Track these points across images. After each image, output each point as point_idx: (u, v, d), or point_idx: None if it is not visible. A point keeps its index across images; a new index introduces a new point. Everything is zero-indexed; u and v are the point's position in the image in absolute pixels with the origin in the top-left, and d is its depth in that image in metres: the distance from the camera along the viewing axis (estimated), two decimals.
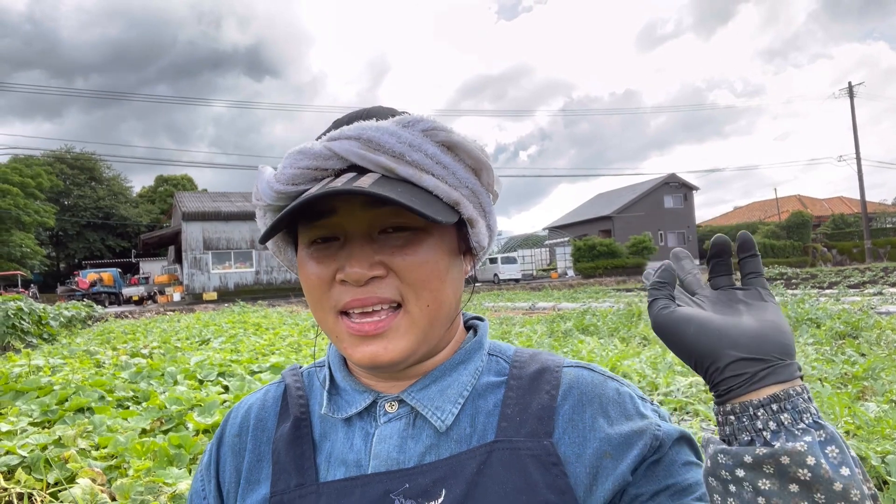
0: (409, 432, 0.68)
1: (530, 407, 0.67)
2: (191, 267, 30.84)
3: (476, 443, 0.65)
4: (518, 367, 0.72)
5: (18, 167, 45.86)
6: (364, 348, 0.64)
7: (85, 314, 18.78)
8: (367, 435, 0.69)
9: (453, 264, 0.69)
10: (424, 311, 0.65)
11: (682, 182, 48.10)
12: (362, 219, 0.65)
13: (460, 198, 0.66)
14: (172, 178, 65.32)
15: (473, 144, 0.67)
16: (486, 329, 0.78)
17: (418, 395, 0.69)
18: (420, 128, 0.64)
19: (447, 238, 0.68)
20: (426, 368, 0.71)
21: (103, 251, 56.08)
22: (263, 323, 12.80)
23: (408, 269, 0.64)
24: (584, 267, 37.79)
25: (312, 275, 0.67)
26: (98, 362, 7.23)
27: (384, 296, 0.64)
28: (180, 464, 3.31)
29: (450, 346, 0.73)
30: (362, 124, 0.64)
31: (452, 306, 0.69)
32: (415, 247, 0.65)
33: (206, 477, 0.77)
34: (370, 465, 0.66)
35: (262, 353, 7.41)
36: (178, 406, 4.36)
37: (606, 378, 0.70)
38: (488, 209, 0.72)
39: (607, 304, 13.64)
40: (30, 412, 4.45)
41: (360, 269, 0.63)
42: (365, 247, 0.64)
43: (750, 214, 59.14)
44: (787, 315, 8.14)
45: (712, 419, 3.38)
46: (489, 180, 0.70)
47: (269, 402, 0.78)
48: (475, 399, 0.69)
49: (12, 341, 11.02)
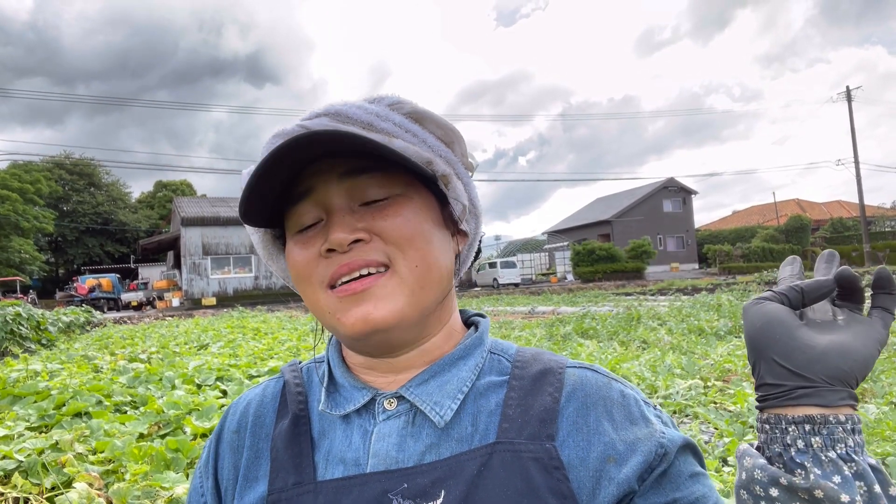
0: (409, 430, 0.66)
1: (532, 408, 0.65)
2: (190, 272, 30.82)
3: (478, 443, 0.64)
4: (520, 367, 0.71)
5: (18, 173, 45.88)
6: (355, 310, 0.63)
7: (84, 320, 18.75)
8: (366, 433, 0.67)
9: (438, 232, 0.68)
10: (413, 272, 0.64)
11: (681, 186, 48.16)
12: (340, 190, 0.65)
13: (432, 156, 0.67)
14: (172, 183, 65.34)
15: (441, 116, 0.69)
16: (487, 325, 0.76)
17: (417, 390, 0.67)
18: (385, 102, 0.67)
19: (430, 207, 0.68)
20: (427, 359, 0.70)
21: (102, 257, 56.05)
22: (262, 328, 12.78)
23: (391, 229, 0.64)
24: (584, 271, 37.80)
25: (298, 258, 0.66)
26: (96, 367, 7.22)
27: (370, 258, 0.63)
28: (178, 468, 3.30)
29: (448, 335, 0.72)
30: (330, 102, 0.67)
31: (444, 273, 0.68)
32: (396, 209, 0.65)
33: (205, 474, 0.76)
34: (369, 464, 0.65)
35: (261, 357, 7.39)
36: (176, 410, 4.35)
37: (611, 380, 0.69)
38: (466, 179, 0.72)
39: (607, 308, 13.64)
40: (27, 417, 4.43)
41: (342, 234, 0.62)
42: (346, 216, 0.64)
43: (749, 218, 59.18)
44: None
45: (712, 422, 3.37)
46: (463, 150, 0.71)
47: (268, 399, 0.77)
48: (477, 398, 0.68)
49: (11, 347, 11.00)
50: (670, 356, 5.72)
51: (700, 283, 28.75)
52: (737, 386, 4.14)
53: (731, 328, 8.02)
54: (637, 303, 14.76)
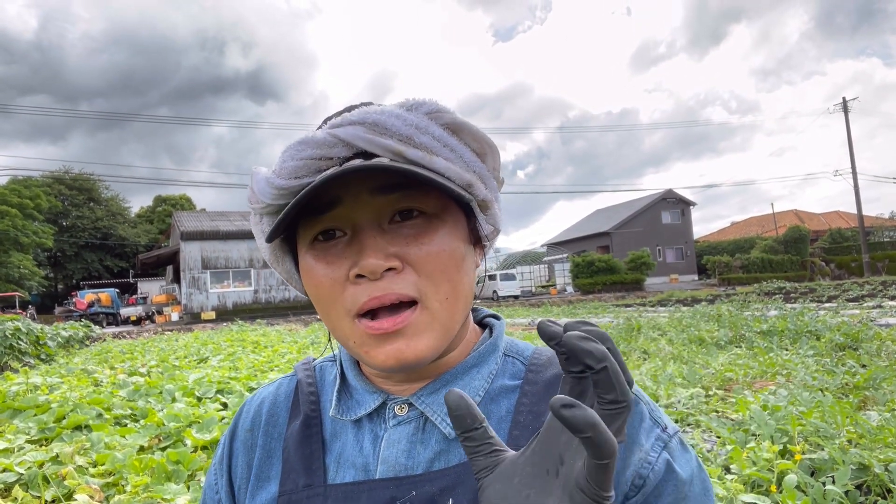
0: (419, 437, 0.65)
1: (544, 415, 0.63)
2: (189, 286, 30.78)
3: None
4: (534, 371, 0.68)
5: (17, 188, 45.92)
6: (387, 348, 0.60)
7: (83, 334, 18.68)
8: (377, 438, 0.67)
9: (467, 251, 0.66)
10: (444, 305, 0.62)
11: (680, 198, 48.24)
12: (371, 206, 0.61)
13: (472, 179, 0.63)
14: (171, 198, 65.41)
15: (478, 127, 0.65)
16: (501, 328, 0.74)
17: (428, 400, 0.66)
18: (424, 110, 0.61)
19: (460, 225, 0.65)
20: (439, 369, 0.68)
21: (101, 271, 55.98)
22: (262, 341, 12.75)
23: (425, 261, 0.61)
24: (583, 283, 37.76)
25: (322, 277, 0.62)
26: (96, 381, 7.19)
27: (402, 291, 0.60)
28: (178, 480, 3.28)
29: (462, 345, 0.70)
30: (365, 109, 0.61)
31: (469, 298, 0.66)
32: (430, 235, 0.61)
33: (219, 471, 0.76)
34: (378, 470, 0.64)
35: (261, 369, 7.37)
36: (176, 423, 4.33)
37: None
38: (495, 195, 0.69)
39: (607, 319, 13.62)
40: (27, 430, 4.41)
41: (375, 260, 0.58)
42: (377, 237, 0.60)
43: (747, 230, 59.23)
44: (787, 328, 8.14)
45: (714, 430, 3.36)
46: (495, 164, 0.67)
47: (281, 397, 0.76)
48: (487, 403, 0.67)
49: (10, 361, 10.96)
50: (671, 366, 5.71)
51: (700, 294, 28.74)
52: (738, 394, 4.13)
53: (732, 338, 8.00)
54: (637, 314, 14.74)
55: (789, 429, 2.99)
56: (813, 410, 3.15)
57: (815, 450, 2.86)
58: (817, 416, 3.10)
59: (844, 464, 2.58)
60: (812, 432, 2.96)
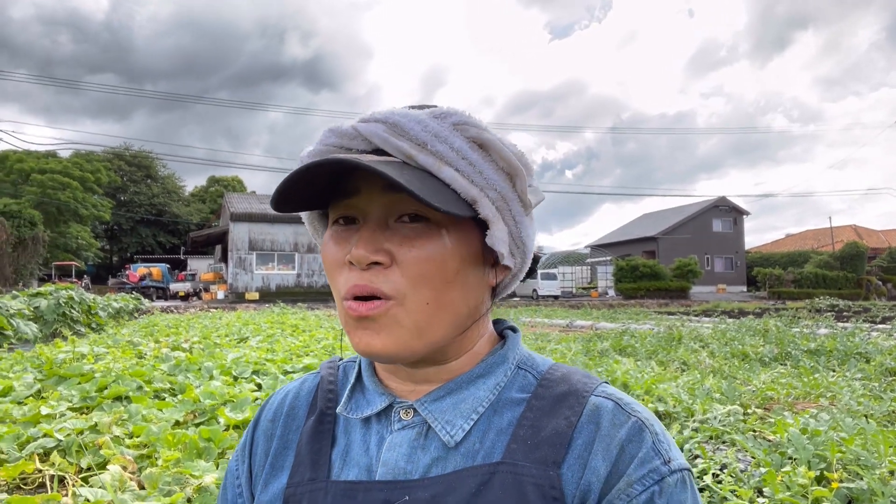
0: (420, 443, 0.66)
1: (545, 430, 0.64)
2: (235, 266, 31.53)
3: (481, 460, 0.63)
4: (545, 387, 0.68)
5: (80, 162, 47.85)
6: (360, 333, 0.63)
7: (132, 307, 19.36)
8: (382, 440, 0.68)
9: (468, 270, 0.66)
10: (423, 308, 0.63)
11: (733, 206, 47.02)
12: (379, 203, 0.64)
13: (479, 195, 0.63)
14: (224, 178, 67.05)
15: (508, 147, 0.65)
16: (515, 341, 0.74)
17: (431, 407, 0.67)
18: (451, 120, 0.63)
19: (468, 240, 0.66)
20: (445, 375, 0.69)
21: (154, 247, 57.85)
22: (301, 325, 12.97)
23: (411, 263, 0.62)
24: (626, 287, 37.21)
25: (329, 255, 0.67)
26: (140, 353, 7.43)
27: (381, 288, 0.62)
28: (209, 457, 3.36)
29: (472, 355, 0.70)
30: (392, 110, 0.64)
31: (462, 312, 0.66)
32: (424, 241, 0.63)
33: (241, 458, 0.78)
34: (378, 472, 0.65)
35: (297, 353, 7.50)
36: (211, 400, 4.43)
37: (631, 415, 0.64)
38: (518, 218, 0.68)
39: (647, 327, 13.38)
40: (70, 397, 4.59)
41: (363, 252, 0.62)
42: (376, 232, 0.63)
43: (802, 243, 57.33)
44: (836, 348, 7.84)
45: (749, 450, 3.26)
46: (523, 188, 0.67)
47: (304, 393, 0.79)
48: (491, 415, 0.67)
49: (62, 329, 11.42)
50: (710, 380, 5.57)
51: (748, 306, 27.97)
52: (778, 415, 4.00)
53: (777, 355, 7.76)
54: (680, 323, 14.43)
55: (828, 455, 2.87)
56: (855, 437, 3.02)
57: (853, 479, 2.74)
58: (859, 444, 2.97)
59: (884, 496, 2.47)
60: (852, 460, 2.84)
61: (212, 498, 2.78)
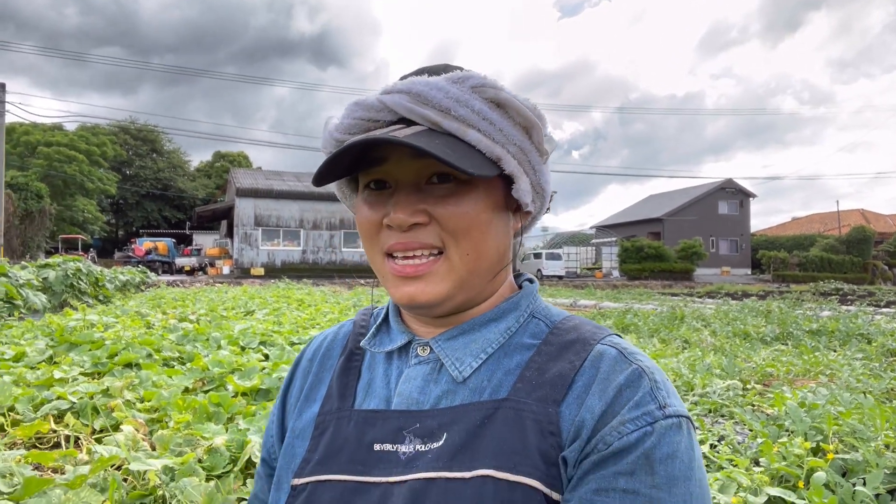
0: (433, 377, 0.72)
1: (549, 372, 0.68)
2: (241, 242, 31.63)
3: (487, 397, 0.68)
4: (556, 334, 0.73)
5: (86, 135, 47.82)
6: (404, 288, 0.69)
7: (139, 280, 19.50)
8: (400, 374, 0.75)
9: (497, 218, 0.72)
10: (464, 259, 0.69)
11: (739, 188, 46.77)
12: (410, 168, 0.69)
13: (503, 153, 0.68)
14: (229, 154, 66.94)
15: (524, 102, 0.69)
16: (529, 291, 0.79)
17: (444, 345, 0.73)
18: (469, 84, 0.67)
19: (493, 192, 0.71)
20: (462, 319, 0.75)
21: (160, 221, 58.00)
22: (306, 299, 13.06)
23: (449, 218, 0.68)
24: (630, 268, 37.21)
25: (364, 219, 0.72)
26: (148, 323, 7.53)
27: (425, 241, 0.68)
28: (218, 421, 3.43)
29: (492, 300, 0.76)
30: (414, 79, 0.68)
31: (494, 259, 0.72)
32: (458, 198, 0.68)
33: (279, 397, 0.88)
34: (394, 402, 0.72)
35: (303, 326, 7.57)
36: (220, 369, 4.51)
37: (632, 363, 0.67)
38: (538, 167, 0.73)
39: (650, 307, 13.42)
40: (82, 363, 4.67)
41: (403, 216, 0.67)
42: (410, 195, 0.69)
43: (809, 226, 57.06)
44: (838, 329, 7.88)
45: (747, 422, 3.32)
46: (539, 139, 0.72)
47: (340, 336, 0.88)
48: (501, 357, 0.71)
49: (70, 300, 11.54)
50: (711, 357, 5.62)
51: (751, 288, 27.96)
52: (777, 389, 4.05)
53: (779, 335, 7.80)
54: (683, 303, 14.47)
55: (825, 427, 2.93)
56: (852, 411, 3.08)
57: (849, 450, 2.80)
58: (856, 418, 3.02)
59: (878, 467, 2.52)
60: (848, 433, 2.90)
61: (222, 459, 2.85)
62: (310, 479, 0.71)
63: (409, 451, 0.67)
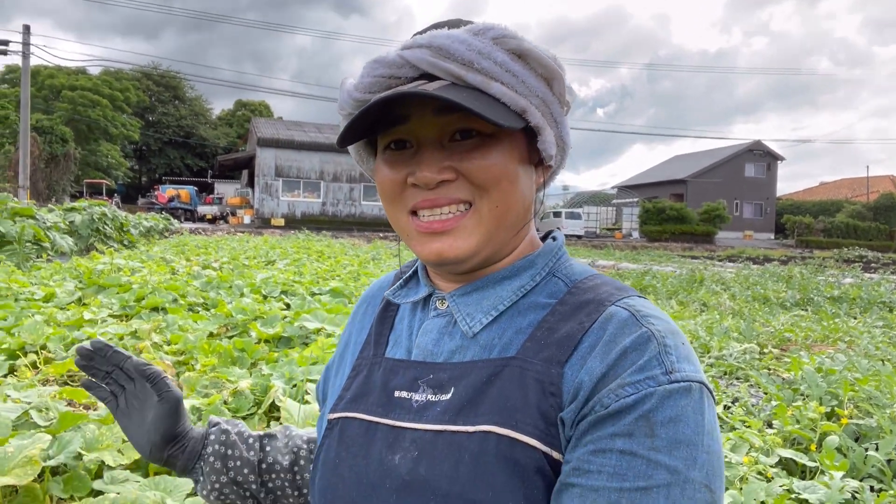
0: (447, 330, 0.74)
1: (558, 332, 0.67)
2: (262, 192, 31.79)
3: (497, 354, 0.69)
4: (573, 294, 0.71)
5: (109, 80, 47.81)
6: (432, 245, 0.69)
7: (162, 226, 19.78)
8: (421, 325, 0.77)
9: (523, 171, 0.71)
10: (493, 212, 0.68)
11: (768, 151, 45.75)
12: (433, 125, 0.68)
13: (527, 105, 0.67)
14: (251, 103, 66.65)
15: (545, 53, 0.68)
16: (548, 249, 0.77)
17: (458, 300, 0.74)
18: (490, 35, 0.65)
19: (517, 146, 0.70)
20: (482, 276, 0.75)
21: (182, 169, 58.31)
22: (326, 251, 13.18)
23: (478, 172, 0.67)
24: (651, 230, 36.90)
25: (386, 178, 0.71)
26: (173, 269, 7.66)
27: (453, 196, 0.68)
28: (243, 365, 3.53)
29: (510, 257, 0.76)
30: (434, 33, 0.66)
31: (520, 212, 0.72)
32: (484, 152, 0.67)
33: (340, 339, 0.94)
34: (414, 353, 0.75)
35: (323, 277, 7.67)
36: (243, 315, 4.61)
37: (642, 325, 0.64)
38: (559, 119, 0.72)
39: (670, 269, 13.37)
40: (110, 305, 4.80)
41: (429, 174, 0.67)
42: (435, 153, 0.68)
43: (837, 192, 55.92)
44: (859, 296, 7.81)
45: (763, 385, 3.35)
46: (560, 90, 0.71)
47: (384, 285, 0.91)
48: (514, 315, 0.72)
49: (97, 243, 11.76)
50: (729, 320, 5.62)
51: (773, 253, 27.65)
52: (794, 354, 4.06)
53: (799, 300, 7.76)
54: (703, 266, 14.38)
55: (840, 393, 2.94)
56: (869, 378, 3.08)
57: (863, 416, 2.82)
58: (873, 385, 3.03)
59: (892, 433, 2.54)
60: (864, 399, 2.91)
61: (247, 402, 2.95)
62: (341, 415, 0.76)
63: (421, 399, 0.69)
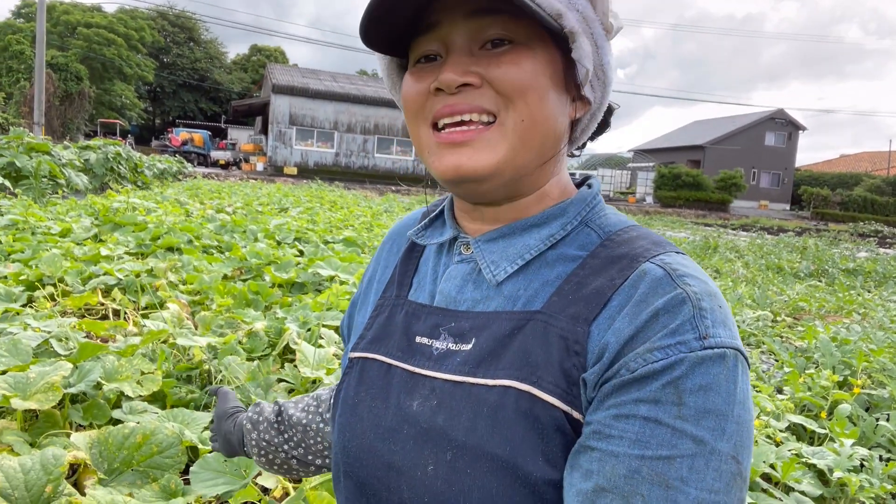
0: (472, 277, 0.70)
1: (587, 288, 0.62)
2: (275, 139, 31.61)
3: (521, 307, 0.65)
4: (606, 247, 0.66)
5: (124, 18, 47.18)
6: (449, 157, 0.64)
7: (176, 169, 19.78)
8: (445, 270, 0.74)
9: (555, 91, 0.65)
10: (518, 126, 0.63)
11: (790, 120, 44.82)
12: (465, 29, 0.63)
13: (564, 9, 0.61)
14: (266, 48, 65.75)
15: None
16: (582, 197, 0.71)
17: (483, 246, 0.70)
18: None
19: (552, 63, 0.65)
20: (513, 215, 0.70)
21: (196, 112, 57.97)
22: (339, 202, 13.17)
23: (504, 78, 0.62)
24: (665, 195, 36.55)
25: (410, 90, 0.67)
26: (187, 212, 7.69)
27: (475, 103, 0.62)
28: (257, 308, 3.56)
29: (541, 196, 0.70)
30: None
31: (548, 135, 0.66)
32: (514, 59, 0.62)
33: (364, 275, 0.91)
34: (436, 299, 0.72)
35: (336, 226, 7.68)
36: (257, 260, 4.63)
37: (678, 286, 0.58)
38: (601, 43, 0.67)
39: (683, 235, 13.28)
40: (126, 243, 4.83)
41: (452, 74, 0.62)
42: (463, 57, 0.63)
43: (856, 164, 54.97)
44: (875, 270, 7.75)
45: (776, 352, 3.35)
46: (604, 9, 0.66)
47: (410, 223, 0.87)
48: (541, 267, 0.67)
49: (111, 182, 11.79)
50: (742, 287, 5.60)
51: (788, 224, 27.40)
52: (808, 323, 4.05)
53: (814, 271, 7.70)
54: (717, 234, 14.28)
55: (854, 363, 2.93)
56: (884, 350, 3.07)
57: (876, 387, 2.81)
58: (887, 356, 3.02)
59: None
60: (878, 370, 2.90)
61: (261, 343, 2.98)
62: (361, 355, 0.74)
63: (441, 347, 0.67)
